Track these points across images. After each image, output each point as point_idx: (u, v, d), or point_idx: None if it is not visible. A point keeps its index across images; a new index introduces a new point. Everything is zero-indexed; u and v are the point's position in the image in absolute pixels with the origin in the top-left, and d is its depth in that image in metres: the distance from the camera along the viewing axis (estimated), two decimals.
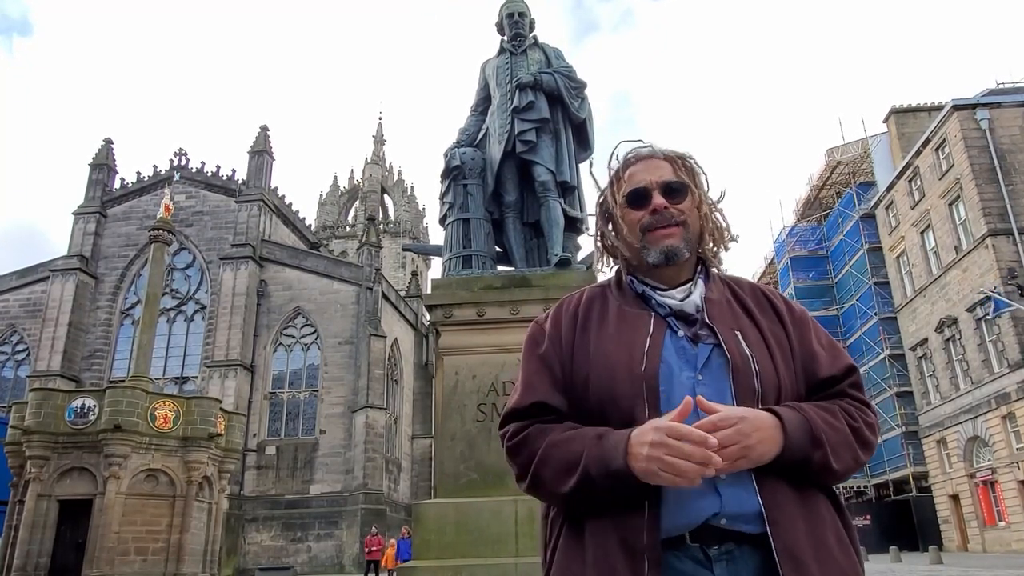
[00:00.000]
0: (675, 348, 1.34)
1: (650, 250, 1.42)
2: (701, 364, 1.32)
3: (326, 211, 61.71)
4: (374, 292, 33.29)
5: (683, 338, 1.35)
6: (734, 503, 1.22)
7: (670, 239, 1.41)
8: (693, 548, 1.23)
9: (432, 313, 5.58)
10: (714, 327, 1.35)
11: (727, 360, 1.31)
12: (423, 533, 4.93)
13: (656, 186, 1.43)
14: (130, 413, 16.73)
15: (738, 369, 1.30)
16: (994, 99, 25.45)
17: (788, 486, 1.26)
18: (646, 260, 1.43)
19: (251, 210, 35.29)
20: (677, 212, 1.43)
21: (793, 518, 1.23)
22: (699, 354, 1.33)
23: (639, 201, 1.44)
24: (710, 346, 1.34)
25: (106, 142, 38.29)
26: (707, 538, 1.23)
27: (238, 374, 31.43)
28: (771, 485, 1.24)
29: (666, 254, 1.41)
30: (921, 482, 29.07)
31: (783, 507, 1.23)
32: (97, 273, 35.01)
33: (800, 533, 1.22)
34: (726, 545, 1.23)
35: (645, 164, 1.48)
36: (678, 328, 1.37)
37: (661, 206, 1.42)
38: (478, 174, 6.06)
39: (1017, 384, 22.09)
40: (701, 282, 1.44)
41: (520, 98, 5.98)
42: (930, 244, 27.46)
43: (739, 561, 1.23)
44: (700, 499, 1.22)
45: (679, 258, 1.42)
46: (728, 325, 1.36)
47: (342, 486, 30.43)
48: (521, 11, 6.52)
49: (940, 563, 18.39)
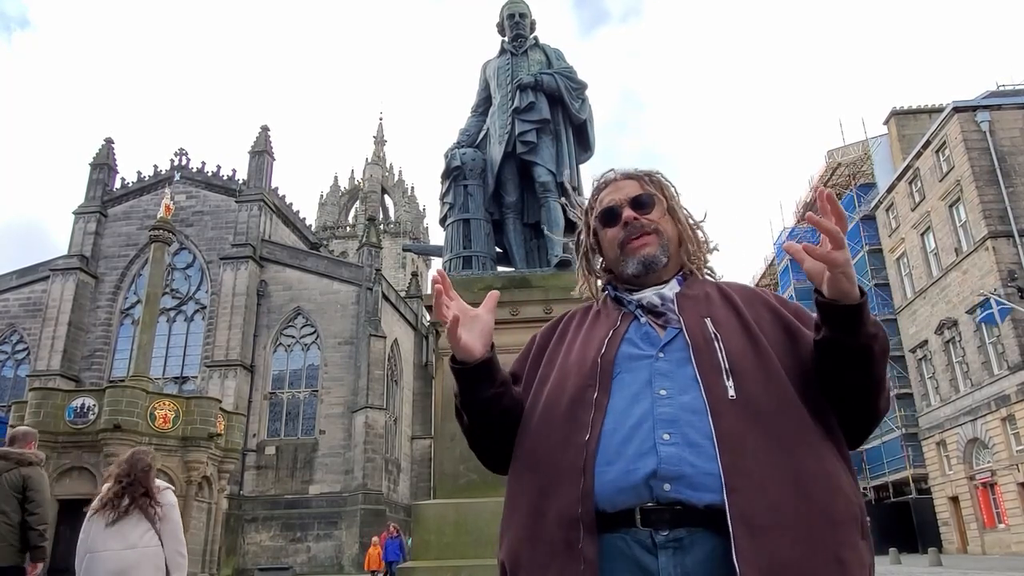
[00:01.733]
0: (639, 334, 1.37)
1: (628, 261, 1.47)
2: (663, 345, 1.33)
3: (326, 211, 61.76)
4: (374, 292, 33.29)
5: (647, 324, 1.38)
6: (673, 461, 1.15)
7: (646, 248, 1.46)
8: (642, 533, 1.16)
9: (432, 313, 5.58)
10: (680, 316, 1.36)
11: (687, 341, 1.31)
12: (422, 533, 4.93)
13: (624, 203, 1.50)
14: (130, 413, 16.74)
15: (699, 349, 1.28)
16: (995, 101, 25.45)
17: (761, 449, 1.15)
18: (625, 272, 1.48)
19: (251, 210, 35.29)
20: (648, 222, 1.48)
21: (762, 484, 1.11)
22: (665, 337, 1.34)
23: (611, 219, 1.51)
24: (676, 330, 1.34)
25: (107, 142, 38.29)
26: (657, 522, 1.15)
27: (238, 374, 31.43)
28: (736, 446, 1.15)
29: (643, 263, 1.45)
30: (921, 484, 29.05)
31: (748, 472, 1.12)
32: (97, 273, 35.01)
33: (767, 502, 1.10)
34: (676, 531, 1.14)
35: (613, 186, 1.55)
36: (642, 316, 1.40)
37: (631, 218, 1.48)
38: (478, 175, 6.06)
39: (1017, 386, 22.09)
40: (676, 281, 1.47)
41: (521, 99, 5.98)
42: (930, 246, 27.46)
43: (688, 550, 1.13)
44: (638, 460, 1.18)
45: (657, 265, 1.46)
46: (698, 313, 1.36)
47: (342, 486, 30.42)
48: (522, 12, 6.53)
49: (939, 565, 18.39)
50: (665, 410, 1.22)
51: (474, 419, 1.43)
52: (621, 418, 1.24)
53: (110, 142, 38.38)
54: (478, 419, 1.43)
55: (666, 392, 1.24)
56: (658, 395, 1.24)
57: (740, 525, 1.08)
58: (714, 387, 1.22)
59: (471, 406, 1.41)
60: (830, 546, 1.11)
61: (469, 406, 1.41)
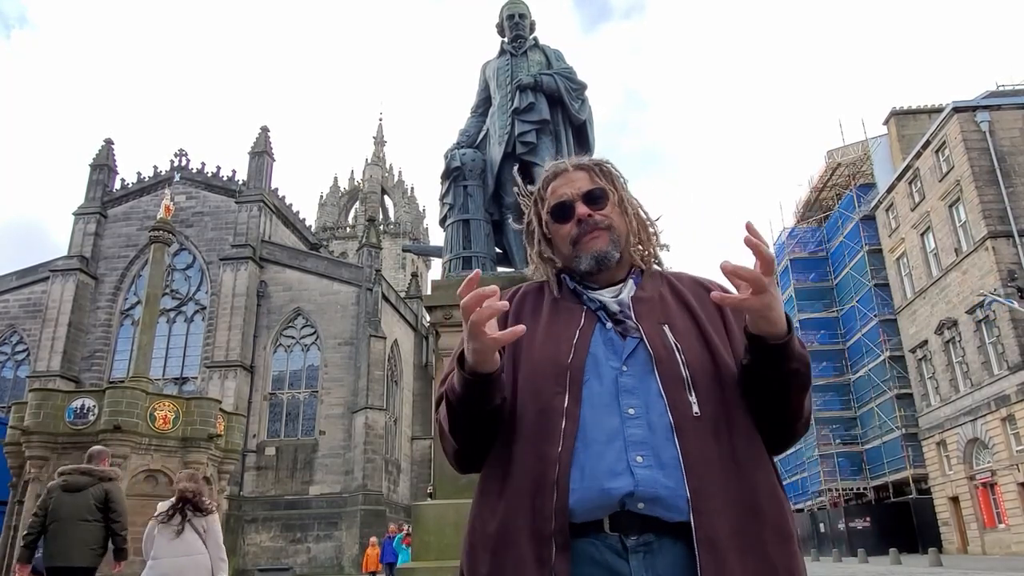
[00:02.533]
0: (603, 340, 1.37)
1: (581, 258, 1.47)
2: (626, 356, 1.33)
3: (326, 212, 61.74)
4: (374, 293, 33.29)
5: (611, 331, 1.38)
6: (649, 484, 1.19)
7: (597, 243, 1.46)
8: (612, 537, 1.20)
9: (432, 314, 5.58)
10: (639, 324, 1.37)
11: (650, 354, 1.32)
12: (423, 534, 4.93)
13: (577, 197, 1.49)
14: (130, 414, 16.70)
15: (661, 360, 1.31)
16: (994, 101, 25.45)
17: (722, 469, 1.22)
18: (579, 268, 1.47)
19: (251, 211, 35.28)
20: (601, 218, 1.48)
21: (724, 506, 1.19)
22: (626, 347, 1.35)
23: (564, 214, 1.49)
24: (636, 339, 1.35)
25: (106, 143, 38.28)
26: (626, 527, 1.20)
27: (238, 375, 31.42)
28: (701, 469, 1.20)
29: (596, 259, 1.45)
30: (921, 484, 29.04)
31: (712, 495, 1.19)
32: (97, 273, 35.00)
33: (728, 523, 1.17)
34: (645, 536, 1.19)
35: (565, 178, 1.54)
36: (606, 321, 1.39)
37: (585, 215, 1.47)
38: (478, 175, 6.06)
39: (1017, 386, 22.08)
40: (632, 282, 1.48)
41: (520, 99, 5.98)
42: (930, 246, 27.46)
43: (657, 554, 1.19)
44: (613, 479, 1.20)
45: (609, 260, 1.46)
46: (655, 320, 1.38)
47: (341, 487, 30.41)
48: (522, 12, 6.53)
49: (940, 565, 18.39)
50: (635, 431, 1.24)
51: (477, 431, 1.35)
52: (592, 430, 1.26)
53: (110, 143, 38.37)
54: (482, 430, 1.35)
55: (634, 411, 1.26)
56: (627, 414, 1.26)
57: (705, 545, 1.16)
58: (678, 404, 1.26)
59: (477, 418, 1.33)
60: (783, 560, 1.20)
61: (475, 418, 1.33)
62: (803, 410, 1.35)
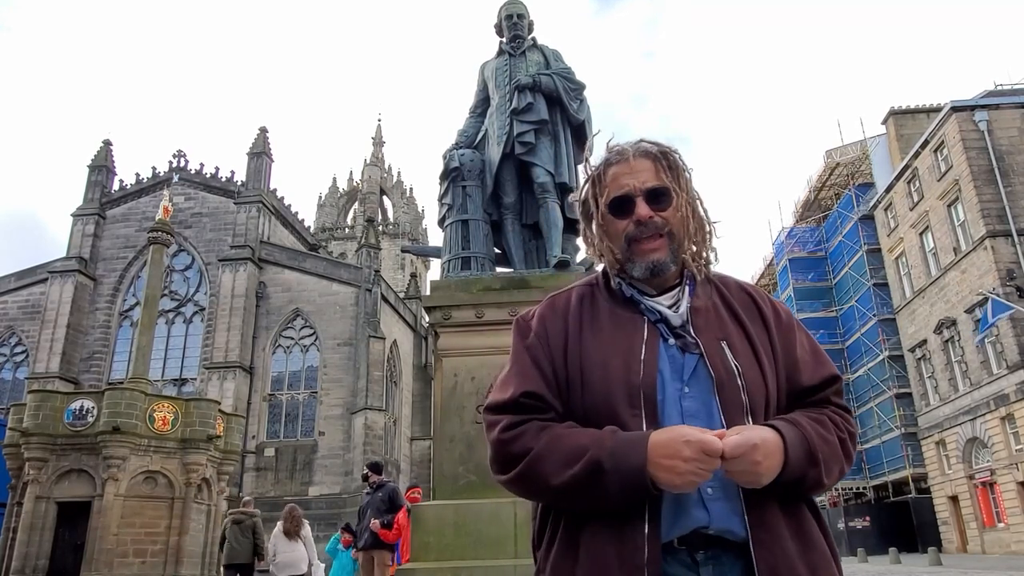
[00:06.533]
0: (667, 357, 1.33)
1: (635, 264, 1.39)
2: (688, 375, 1.31)
3: (325, 213, 61.66)
4: (373, 294, 33.28)
5: (673, 346, 1.34)
6: (723, 519, 1.24)
7: (655, 253, 1.38)
8: (681, 552, 1.25)
9: (431, 315, 5.58)
10: (698, 339, 1.33)
11: (711, 374, 1.30)
12: (422, 535, 4.92)
13: (640, 192, 1.39)
14: (129, 415, 16.68)
15: (723, 384, 1.29)
16: (992, 101, 25.47)
17: (776, 502, 1.27)
18: (631, 273, 1.40)
19: (250, 212, 35.27)
20: (662, 222, 1.38)
21: (779, 538, 1.24)
22: (686, 364, 1.32)
23: (623, 209, 1.40)
24: (696, 356, 1.32)
25: (105, 144, 38.28)
26: (694, 543, 1.25)
27: (237, 376, 31.40)
28: (758, 501, 1.25)
29: (651, 269, 1.38)
30: (920, 483, 29.04)
31: (770, 526, 1.24)
32: (96, 275, 34.97)
33: (785, 554, 1.23)
34: (712, 550, 1.25)
35: (627, 165, 1.42)
36: (668, 336, 1.35)
37: (646, 216, 1.38)
38: (477, 176, 6.06)
39: (1016, 386, 22.10)
40: (688, 289, 1.41)
41: (519, 100, 5.98)
42: (929, 245, 27.47)
43: (726, 565, 1.25)
44: (691, 510, 1.24)
45: (665, 271, 1.39)
46: (714, 335, 1.35)
47: (341, 488, 30.39)
48: (520, 13, 6.53)
49: (939, 564, 18.41)
50: None
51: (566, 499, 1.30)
52: None
53: (108, 144, 38.36)
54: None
55: None
56: None
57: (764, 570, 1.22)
58: None
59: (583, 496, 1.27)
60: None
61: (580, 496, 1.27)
62: (823, 487, 1.36)
